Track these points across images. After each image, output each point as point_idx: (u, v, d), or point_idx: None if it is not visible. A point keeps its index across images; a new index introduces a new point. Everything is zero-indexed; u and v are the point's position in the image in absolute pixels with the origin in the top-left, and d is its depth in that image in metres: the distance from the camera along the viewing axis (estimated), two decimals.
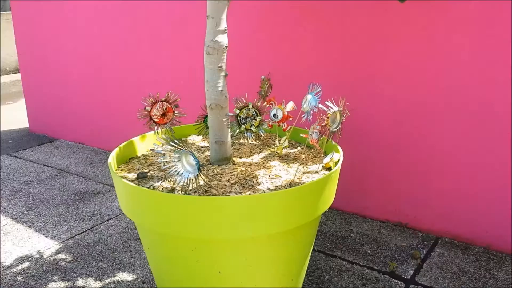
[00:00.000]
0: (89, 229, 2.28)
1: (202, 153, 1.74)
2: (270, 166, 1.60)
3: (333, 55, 2.23)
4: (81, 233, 2.25)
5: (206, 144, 1.85)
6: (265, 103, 1.80)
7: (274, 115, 1.70)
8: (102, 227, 2.30)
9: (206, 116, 1.88)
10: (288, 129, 1.82)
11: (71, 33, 3.38)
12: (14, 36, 6.94)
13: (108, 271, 1.94)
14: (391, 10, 2.03)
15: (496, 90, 1.88)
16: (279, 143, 1.77)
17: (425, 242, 2.11)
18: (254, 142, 1.86)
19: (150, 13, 2.88)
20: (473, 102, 1.94)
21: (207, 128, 1.87)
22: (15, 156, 3.36)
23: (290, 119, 1.74)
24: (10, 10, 8.92)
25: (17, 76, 6.98)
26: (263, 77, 1.87)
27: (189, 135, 1.96)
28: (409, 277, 1.87)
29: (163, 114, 1.58)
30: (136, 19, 2.96)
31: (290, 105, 1.73)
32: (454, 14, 1.90)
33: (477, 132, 1.96)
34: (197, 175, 1.34)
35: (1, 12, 7.24)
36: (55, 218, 2.41)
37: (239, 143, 1.87)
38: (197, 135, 1.96)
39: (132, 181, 1.49)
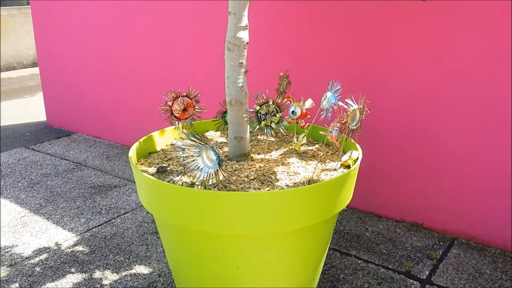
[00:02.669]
0: (106, 222, 2.31)
1: (220, 148, 1.75)
2: (288, 163, 1.60)
3: (351, 53, 2.22)
4: (98, 226, 2.28)
5: (224, 140, 1.86)
6: (285, 99, 1.81)
7: (293, 112, 1.70)
8: (118, 220, 2.33)
9: (225, 112, 1.89)
10: (306, 126, 1.82)
11: (90, 28, 3.41)
12: (32, 30, 7.02)
13: (125, 264, 1.96)
14: (408, 9, 2.02)
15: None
16: (296, 140, 1.78)
17: (441, 243, 2.10)
18: (272, 139, 1.87)
19: (170, 8, 2.89)
20: (491, 101, 1.93)
21: (226, 124, 1.88)
22: (33, 149, 3.41)
23: (308, 116, 1.74)
24: (27, 5, 9.01)
25: (34, 70, 7.06)
26: (281, 74, 1.87)
27: (207, 131, 1.97)
28: (424, 277, 1.86)
29: (184, 109, 1.60)
30: (155, 15, 2.98)
31: (309, 103, 1.73)
32: (469, 12, 1.89)
33: (495, 133, 1.95)
34: (217, 170, 1.35)
35: (18, 7, 7.32)
36: (73, 210, 2.44)
37: (256, 139, 1.87)
38: (215, 131, 1.97)
39: (152, 175, 1.51)
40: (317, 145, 1.80)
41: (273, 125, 1.49)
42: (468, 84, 1.97)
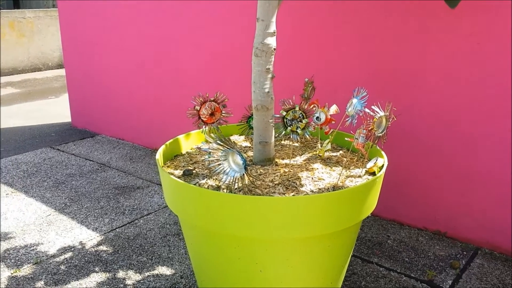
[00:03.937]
0: (129, 223, 2.34)
1: (245, 153, 1.77)
2: (312, 168, 1.61)
3: (377, 59, 2.22)
4: (121, 226, 2.31)
5: (248, 144, 1.88)
6: (311, 106, 1.81)
7: (317, 118, 1.71)
8: (141, 221, 2.36)
9: (250, 117, 1.91)
10: (330, 132, 1.83)
11: (115, 30, 3.47)
12: (58, 32, 7.15)
13: (148, 264, 1.99)
14: (438, 14, 2.01)
15: None
16: (321, 146, 1.78)
17: (465, 252, 2.08)
18: (296, 144, 1.88)
19: (194, 11, 2.92)
20: None
21: (250, 128, 1.90)
22: (58, 149, 3.47)
23: (333, 122, 1.74)
24: (53, 7, 9.20)
25: (59, 72, 7.19)
26: (306, 79, 1.88)
27: (231, 135, 1.99)
28: (447, 286, 1.84)
29: (211, 114, 1.62)
30: (180, 17, 3.01)
31: (333, 109, 1.73)
32: (504, 18, 1.87)
33: None
34: (244, 174, 1.36)
35: (44, 9, 7.48)
36: (97, 210, 2.48)
37: (280, 144, 1.88)
38: (239, 135, 1.98)
39: (178, 177, 1.53)
40: (341, 151, 1.81)
41: (299, 130, 1.50)
42: (500, 95, 1.95)
